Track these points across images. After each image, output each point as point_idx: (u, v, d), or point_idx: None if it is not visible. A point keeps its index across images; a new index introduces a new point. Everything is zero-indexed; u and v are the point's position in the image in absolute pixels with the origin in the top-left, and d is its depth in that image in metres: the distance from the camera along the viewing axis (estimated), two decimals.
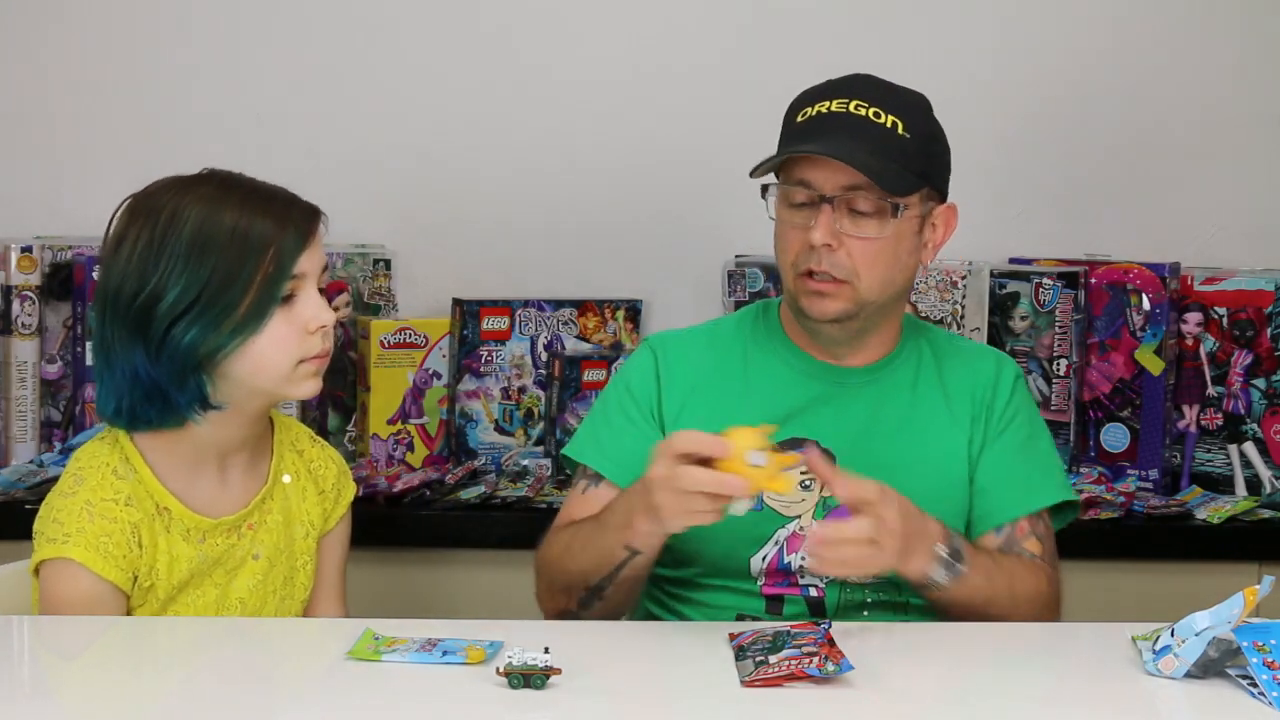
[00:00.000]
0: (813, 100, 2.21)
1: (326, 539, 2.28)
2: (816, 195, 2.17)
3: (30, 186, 3.09)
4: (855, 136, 2.16)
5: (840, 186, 2.15)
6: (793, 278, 2.20)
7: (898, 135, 2.17)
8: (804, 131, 2.19)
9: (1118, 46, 3.17)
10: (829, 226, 2.16)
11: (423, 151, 3.13)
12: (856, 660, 1.82)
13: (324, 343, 2.12)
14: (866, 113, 2.17)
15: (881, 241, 2.17)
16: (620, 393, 2.31)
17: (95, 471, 2.13)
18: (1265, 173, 3.19)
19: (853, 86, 2.21)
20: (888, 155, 2.16)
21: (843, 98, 2.19)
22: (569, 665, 1.80)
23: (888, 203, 2.16)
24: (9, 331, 2.90)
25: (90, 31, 3.10)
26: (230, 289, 2.05)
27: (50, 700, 1.84)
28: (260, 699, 1.81)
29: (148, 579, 2.11)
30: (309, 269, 2.11)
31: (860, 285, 2.18)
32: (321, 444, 2.32)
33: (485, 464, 2.95)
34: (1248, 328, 2.96)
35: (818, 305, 2.19)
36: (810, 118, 2.19)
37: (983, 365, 2.31)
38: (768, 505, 2.21)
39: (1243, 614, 1.80)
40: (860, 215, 2.16)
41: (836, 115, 2.17)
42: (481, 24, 3.13)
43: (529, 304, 2.99)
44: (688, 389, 2.28)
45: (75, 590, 2.08)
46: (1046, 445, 2.32)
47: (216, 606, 2.16)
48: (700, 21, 3.15)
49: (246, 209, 2.09)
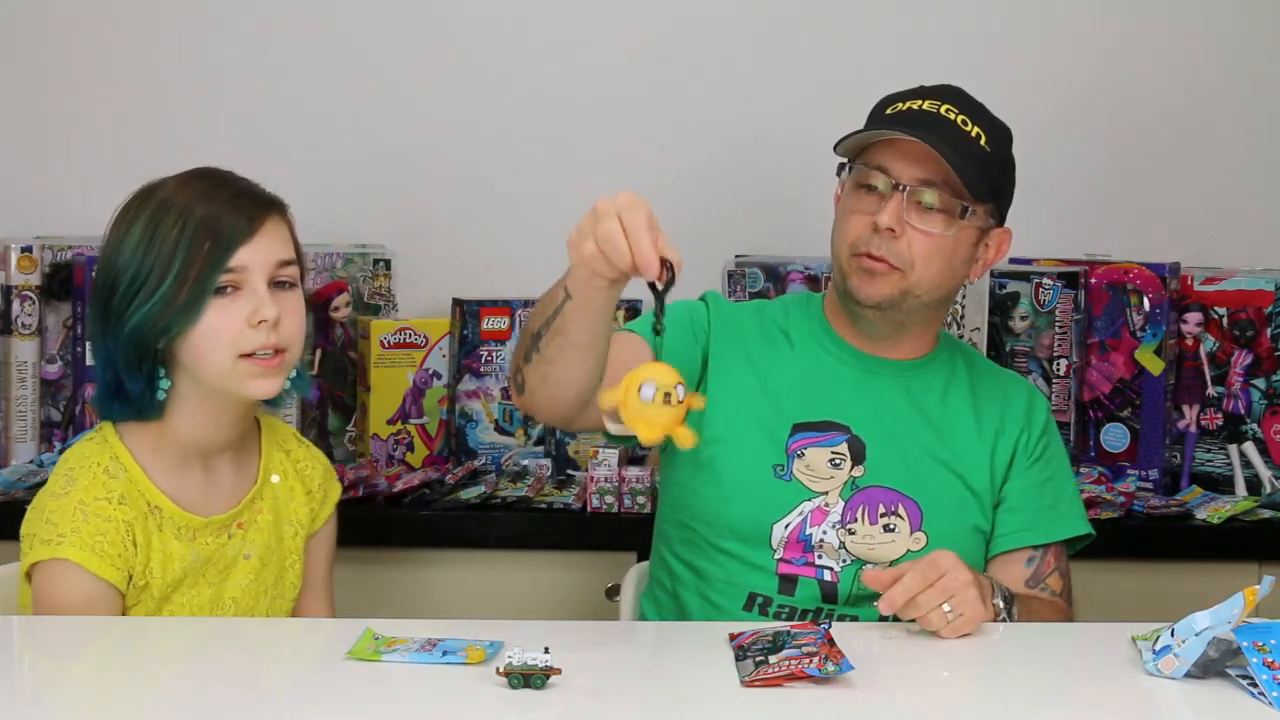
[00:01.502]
0: (904, 98, 2.28)
1: (314, 539, 2.28)
2: (891, 183, 2.21)
3: (30, 186, 3.09)
4: (942, 135, 2.21)
5: (916, 178, 2.21)
6: (847, 257, 2.25)
7: (980, 146, 2.24)
8: (893, 121, 2.24)
9: (1118, 46, 3.17)
10: (897, 212, 2.21)
11: (423, 151, 3.13)
12: (856, 660, 1.82)
13: (265, 338, 2.09)
14: (955, 118, 2.24)
15: (943, 239, 2.22)
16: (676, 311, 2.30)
17: (86, 471, 2.12)
18: (1265, 173, 3.19)
19: (944, 93, 2.28)
20: (970, 159, 2.21)
21: (934, 99, 2.26)
22: (569, 665, 1.80)
23: (957, 203, 2.22)
24: (9, 331, 2.89)
25: (90, 32, 3.10)
26: (168, 275, 2.07)
27: (49, 700, 1.84)
28: (260, 699, 1.81)
29: (143, 578, 2.11)
30: (250, 261, 2.09)
31: (912, 276, 2.23)
32: (307, 445, 2.32)
33: (485, 464, 2.95)
34: (1248, 328, 2.96)
35: (868, 286, 2.23)
36: (900, 111, 2.26)
37: (1016, 392, 2.37)
38: (796, 477, 2.24)
39: (1243, 614, 1.80)
40: (928, 210, 2.22)
41: (927, 113, 2.24)
42: (483, 24, 3.13)
43: (529, 304, 2.99)
44: (735, 342, 2.32)
45: (72, 591, 2.07)
46: (1072, 481, 2.39)
47: (211, 606, 2.16)
48: (701, 23, 3.14)
49: (199, 198, 2.11)
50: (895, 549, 2.23)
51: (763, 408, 2.27)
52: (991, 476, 2.30)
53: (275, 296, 2.11)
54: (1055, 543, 2.31)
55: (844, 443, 2.26)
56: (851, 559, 2.23)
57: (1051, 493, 2.32)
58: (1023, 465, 2.31)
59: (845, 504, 2.23)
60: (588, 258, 1.87)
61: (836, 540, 2.23)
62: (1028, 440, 2.32)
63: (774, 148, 3.14)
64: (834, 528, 2.23)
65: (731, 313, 2.36)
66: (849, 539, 2.23)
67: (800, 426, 2.26)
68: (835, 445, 2.25)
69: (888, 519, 2.23)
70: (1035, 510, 2.30)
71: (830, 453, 2.25)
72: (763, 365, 2.30)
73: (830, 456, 2.25)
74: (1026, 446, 2.32)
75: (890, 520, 2.23)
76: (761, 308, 2.40)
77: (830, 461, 2.25)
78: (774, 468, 2.25)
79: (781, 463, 2.25)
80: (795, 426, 2.26)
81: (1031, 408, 2.35)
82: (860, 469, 2.25)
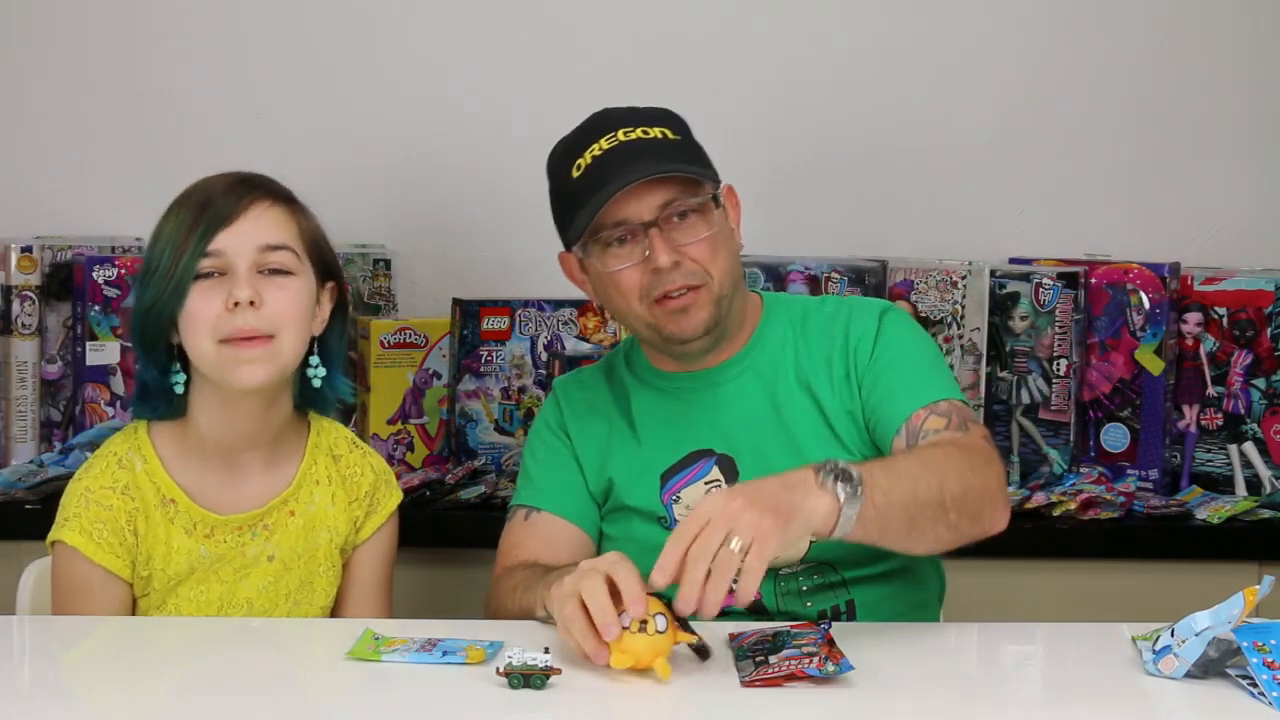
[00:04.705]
0: (577, 150, 2.21)
1: (361, 550, 2.26)
2: (638, 226, 2.17)
3: (30, 186, 3.09)
4: (643, 158, 2.17)
5: (656, 207, 2.17)
6: (647, 309, 2.19)
7: (671, 141, 2.21)
8: (591, 179, 2.17)
9: (1118, 46, 3.17)
10: (667, 246, 2.16)
11: (423, 151, 3.12)
12: (856, 660, 1.82)
13: (243, 321, 2.08)
14: (636, 135, 2.19)
15: (714, 235, 2.19)
16: (540, 432, 2.35)
17: (102, 459, 2.17)
18: (1265, 173, 3.19)
19: (608, 121, 2.22)
20: (679, 159, 2.19)
21: (607, 133, 2.20)
22: (569, 665, 1.80)
23: (706, 197, 2.19)
24: (9, 331, 2.89)
25: (90, 31, 3.10)
26: (164, 256, 2.10)
27: (48, 700, 1.84)
28: (260, 699, 1.81)
29: (145, 568, 2.13)
30: (230, 245, 2.10)
31: (714, 283, 2.19)
32: (363, 450, 2.30)
33: (485, 464, 2.94)
34: (1248, 328, 2.96)
35: (684, 322, 2.19)
36: (588, 166, 2.19)
37: (836, 324, 2.26)
38: (678, 521, 2.16)
39: (1243, 614, 1.80)
40: (684, 224, 2.18)
41: (613, 151, 2.18)
42: (483, 23, 3.13)
43: (529, 304, 2.99)
44: (590, 424, 2.31)
45: (72, 572, 2.13)
46: (928, 352, 2.26)
47: (220, 604, 2.16)
48: (702, 24, 3.14)
49: (206, 188, 2.14)
50: (800, 548, 2.19)
51: (629, 473, 2.26)
52: (852, 417, 2.22)
53: (261, 281, 2.10)
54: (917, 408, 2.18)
55: (713, 466, 2.24)
56: None
57: (901, 371, 2.20)
58: (864, 377, 2.22)
59: None
60: (560, 621, 1.87)
61: None
62: (855, 357, 2.23)
63: (774, 147, 3.14)
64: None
65: (579, 394, 2.35)
66: None
67: (668, 473, 2.25)
68: (706, 474, 2.23)
69: None
70: (890, 395, 2.18)
71: (703, 484, 2.23)
72: (618, 429, 2.29)
73: (705, 489, 2.22)
74: (856, 362, 2.23)
75: None
76: (610, 364, 2.38)
77: (708, 494, 2.19)
78: (658, 521, 2.24)
79: (663, 514, 2.24)
80: (663, 475, 2.25)
81: (849, 327, 2.25)
82: None
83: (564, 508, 2.28)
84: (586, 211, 2.16)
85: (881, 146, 3.14)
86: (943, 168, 3.16)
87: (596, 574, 1.84)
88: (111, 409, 2.86)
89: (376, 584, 2.28)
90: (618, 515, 2.29)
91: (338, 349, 2.22)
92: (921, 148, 3.15)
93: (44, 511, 2.66)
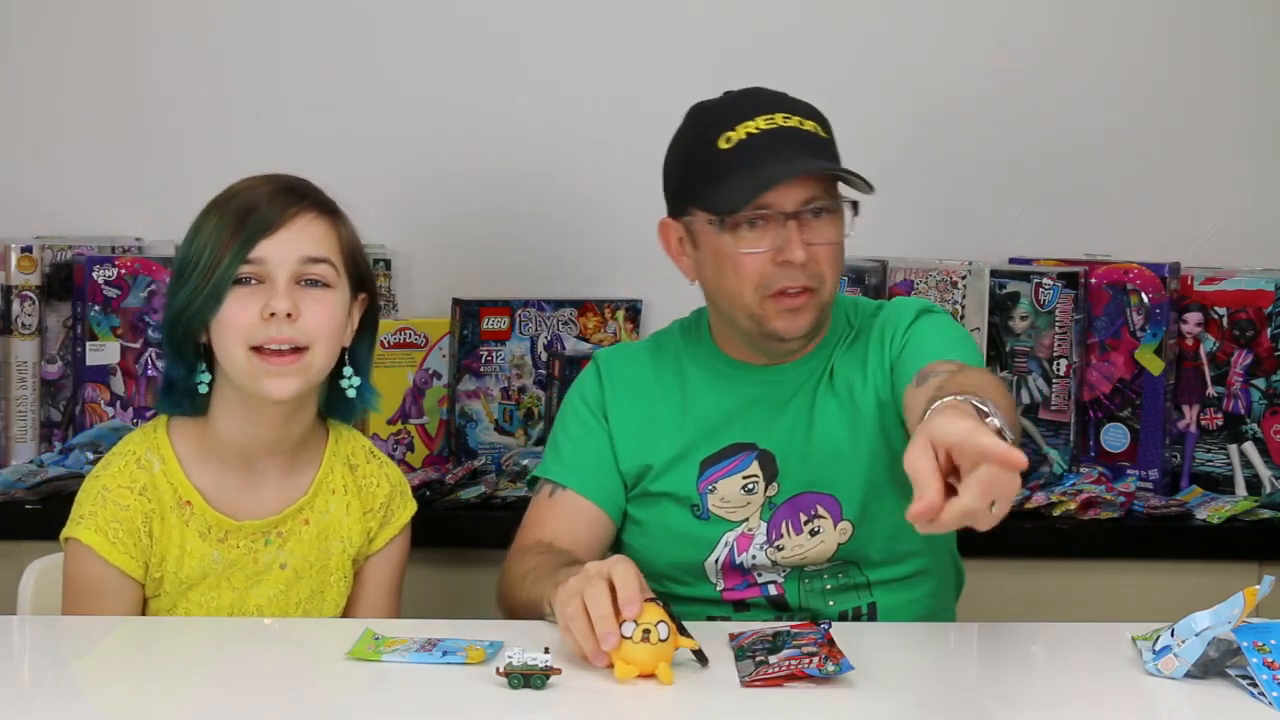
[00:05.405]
0: (726, 123, 2.17)
1: (374, 560, 2.26)
2: (779, 215, 2.14)
3: (30, 186, 3.09)
4: (806, 149, 2.15)
5: (800, 200, 2.15)
6: (758, 301, 2.16)
7: (823, 139, 2.19)
8: (746, 156, 2.15)
9: (1118, 46, 3.17)
10: (800, 241, 2.14)
11: (423, 151, 3.12)
12: (856, 660, 1.82)
13: (277, 331, 2.07)
14: (794, 123, 2.17)
15: (839, 244, 2.18)
16: (575, 405, 2.32)
17: (120, 458, 2.16)
18: (1265, 173, 3.19)
19: (763, 100, 2.19)
20: (837, 159, 2.18)
21: (765, 113, 2.17)
22: (569, 665, 1.80)
23: (843, 205, 2.17)
24: (9, 331, 2.89)
25: (90, 31, 3.10)
26: (201, 263, 2.09)
27: (49, 700, 1.84)
28: (260, 698, 1.81)
29: (158, 570, 2.13)
30: (272, 254, 2.09)
31: (825, 290, 2.18)
32: (380, 460, 2.29)
33: (485, 464, 2.94)
34: (1248, 328, 2.96)
35: (793, 322, 2.18)
36: (742, 141, 2.15)
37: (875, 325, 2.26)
38: (713, 513, 2.23)
39: (1243, 614, 1.80)
40: (818, 224, 2.16)
41: (771, 134, 2.15)
42: (483, 23, 3.13)
43: (529, 304, 2.99)
44: (631, 401, 2.29)
45: (85, 570, 2.12)
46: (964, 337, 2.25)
47: (230, 611, 2.15)
48: (702, 24, 3.14)
49: (248, 193, 2.13)
50: (825, 547, 2.21)
51: (669, 456, 2.26)
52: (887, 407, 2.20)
53: (299, 293, 2.09)
54: None
55: (754, 461, 2.23)
56: (789, 569, 2.22)
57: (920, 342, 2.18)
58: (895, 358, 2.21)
59: (767, 524, 2.22)
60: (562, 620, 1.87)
61: (767, 559, 2.21)
62: (890, 353, 2.22)
63: None
64: (761, 549, 2.22)
65: (623, 371, 2.31)
66: (779, 554, 2.21)
67: (707, 462, 2.24)
68: (745, 469, 2.22)
69: (811, 523, 2.21)
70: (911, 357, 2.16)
71: (741, 479, 2.22)
72: (663, 412, 2.28)
73: (742, 483, 2.22)
74: (891, 355, 2.22)
75: (813, 524, 2.21)
76: (659, 343, 2.35)
77: (743, 488, 2.22)
78: (691, 509, 2.24)
79: (697, 503, 2.24)
80: (702, 464, 2.24)
81: (884, 327, 2.24)
82: (774, 486, 2.22)
83: (590, 488, 2.26)
84: (742, 189, 2.12)
85: (881, 146, 3.14)
86: (942, 168, 3.16)
87: (601, 579, 1.85)
88: (111, 409, 2.86)
89: (386, 594, 2.27)
90: (648, 500, 2.27)
91: (367, 359, 2.22)
92: (921, 147, 3.15)
93: (44, 511, 2.66)
